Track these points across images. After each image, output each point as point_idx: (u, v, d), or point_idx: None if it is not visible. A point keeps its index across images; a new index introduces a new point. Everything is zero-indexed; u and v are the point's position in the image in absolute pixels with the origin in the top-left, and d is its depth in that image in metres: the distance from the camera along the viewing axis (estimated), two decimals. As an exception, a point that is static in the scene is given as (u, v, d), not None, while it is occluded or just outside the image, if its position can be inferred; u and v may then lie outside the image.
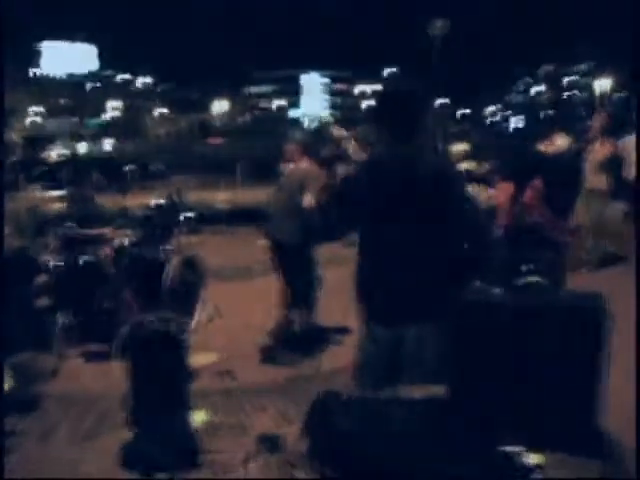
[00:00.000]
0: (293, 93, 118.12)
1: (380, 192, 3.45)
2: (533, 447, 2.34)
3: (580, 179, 7.53)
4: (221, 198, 16.81)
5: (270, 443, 4.39)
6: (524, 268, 2.84)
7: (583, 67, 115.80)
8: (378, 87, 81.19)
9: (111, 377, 5.00)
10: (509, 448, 2.33)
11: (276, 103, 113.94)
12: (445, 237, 3.43)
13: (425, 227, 3.38)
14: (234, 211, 14.57)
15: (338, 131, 4.56)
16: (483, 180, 9.81)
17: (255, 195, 15.81)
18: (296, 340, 6.62)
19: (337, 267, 3.86)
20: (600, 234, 9.71)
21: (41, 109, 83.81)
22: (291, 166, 6.62)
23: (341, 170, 6.12)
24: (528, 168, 5.90)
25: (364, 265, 3.62)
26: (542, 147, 6.11)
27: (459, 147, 10.88)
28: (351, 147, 4.25)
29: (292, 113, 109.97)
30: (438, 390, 2.65)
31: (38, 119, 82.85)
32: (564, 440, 2.35)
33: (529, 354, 2.42)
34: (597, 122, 9.15)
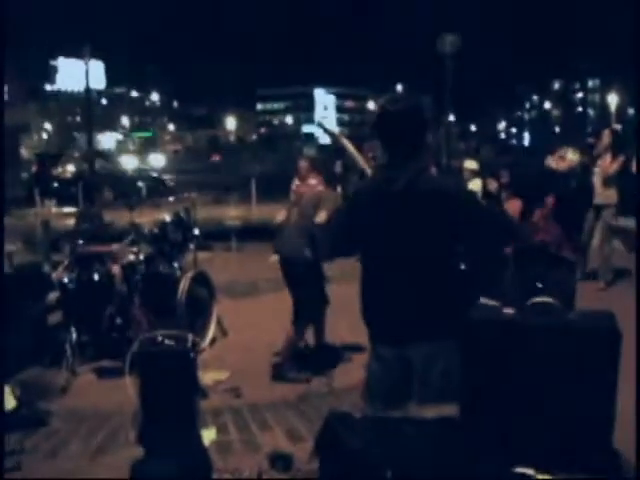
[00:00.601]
0: (306, 109, 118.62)
1: (381, 211, 3.45)
2: (546, 468, 2.33)
3: (589, 195, 7.53)
4: (233, 214, 16.85)
5: (281, 461, 4.38)
6: (534, 287, 2.84)
7: (592, 84, 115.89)
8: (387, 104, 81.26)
9: (122, 394, 5.01)
10: (522, 469, 2.33)
11: (289, 119, 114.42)
12: (449, 254, 3.42)
13: (428, 245, 3.37)
14: (246, 227, 14.58)
15: (346, 140, 4.56)
16: (493, 197, 9.83)
17: (268, 211, 15.87)
18: (306, 357, 6.62)
19: (348, 283, 3.86)
20: (608, 249, 9.76)
21: (53, 126, 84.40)
22: (305, 185, 6.63)
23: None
24: (537, 185, 5.90)
25: (368, 285, 3.62)
26: (552, 163, 6.11)
27: (469, 165, 10.86)
28: (360, 160, 4.24)
29: (305, 129, 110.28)
30: (449, 410, 2.65)
31: (50, 135, 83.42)
32: (577, 461, 2.35)
33: (540, 374, 2.42)
34: (605, 138, 9.17)
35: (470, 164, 10.90)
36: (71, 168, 31.33)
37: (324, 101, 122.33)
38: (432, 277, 3.40)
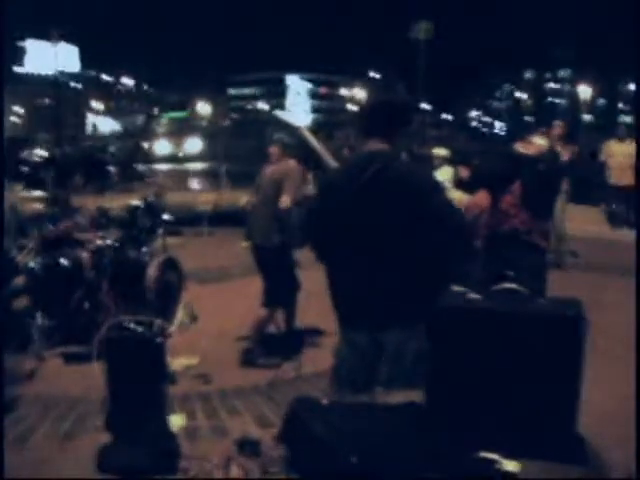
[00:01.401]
0: (279, 95, 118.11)
1: (351, 199, 3.46)
2: (511, 453, 2.34)
3: (559, 181, 7.57)
4: (204, 200, 16.74)
5: (249, 447, 4.37)
6: (503, 273, 2.85)
7: (564, 74, 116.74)
8: (362, 91, 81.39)
9: (90, 379, 4.97)
10: (487, 454, 2.34)
11: (261, 105, 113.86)
12: (418, 241, 3.43)
13: (397, 231, 3.38)
14: (216, 213, 14.49)
15: (308, 133, 4.56)
16: (464, 185, 9.85)
17: (239, 197, 15.77)
18: (276, 342, 6.62)
19: (317, 269, 3.85)
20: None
21: (24, 109, 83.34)
22: (271, 167, 6.62)
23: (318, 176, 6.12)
24: (506, 171, 5.90)
25: (339, 272, 3.63)
26: (520, 148, 6.11)
27: (439, 152, 10.88)
28: (322, 151, 4.25)
29: (278, 115, 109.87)
30: (415, 395, 2.66)
31: (19, 119, 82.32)
32: (543, 446, 2.36)
33: (506, 360, 2.43)
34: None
35: (440, 151, 10.93)
36: (40, 152, 30.97)
37: (297, 87, 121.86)
38: (402, 264, 3.41)
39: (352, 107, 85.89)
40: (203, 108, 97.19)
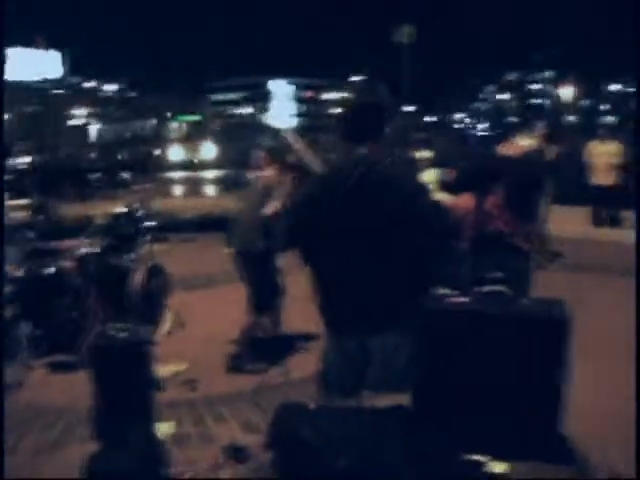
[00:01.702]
0: (262, 99, 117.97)
1: (336, 205, 3.46)
2: (498, 455, 2.36)
3: (543, 181, 7.62)
4: (189, 206, 16.73)
5: (237, 453, 4.38)
6: (488, 276, 2.87)
7: (547, 75, 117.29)
8: (345, 94, 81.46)
9: (77, 387, 4.96)
10: (475, 457, 2.35)
11: (245, 110, 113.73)
12: (405, 244, 3.44)
13: (382, 235, 3.39)
14: (202, 219, 14.48)
15: (292, 137, 4.56)
16: (449, 187, 9.87)
17: (225, 203, 15.76)
18: (263, 348, 6.62)
19: (303, 273, 3.86)
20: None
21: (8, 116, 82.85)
22: (258, 174, 6.62)
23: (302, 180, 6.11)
24: (489, 172, 5.92)
25: (323, 275, 3.63)
26: (503, 150, 6.13)
27: (424, 154, 10.90)
28: (308, 156, 4.24)
29: (263, 119, 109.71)
30: (403, 399, 2.67)
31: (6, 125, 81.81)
32: (531, 447, 2.38)
33: (492, 361, 2.44)
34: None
35: (425, 154, 10.95)
36: (24, 159, 30.83)
37: (282, 91, 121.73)
38: (389, 268, 3.42)
39: (336, 111, 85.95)
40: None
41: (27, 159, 30.44)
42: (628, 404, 4.65)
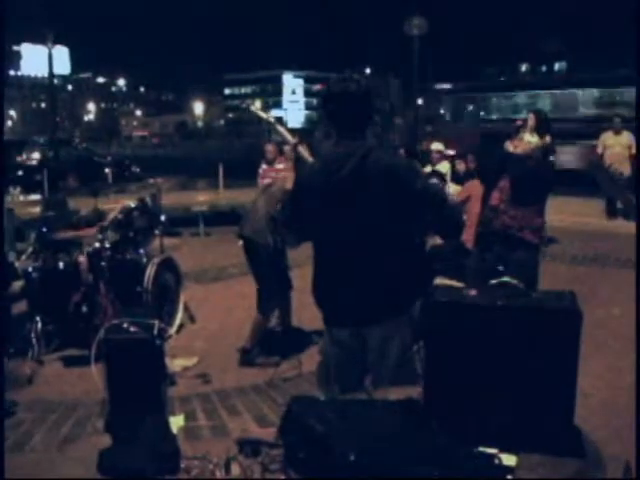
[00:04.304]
0: (274, 93, 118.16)
1: (332, 195, 3.44)
2: (509, 447, 2.35)
3: (550, 177, 7.60)
4: (200, 200, 16.73)
5: (249, 447, 4.38)
6: (496, 269, 2.86)
7: (559, 66, 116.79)
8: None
9: (89, 382, 4.97)
10: (485, 449, 2.34)
11: (257, 103, 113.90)
12: (400, 233, 3.43)
13: (379, 226, 3.38)
14: (213, 213, 14.47)
15: (281, 128, 4.54)
16: (461, 179, 9.86)
17: (235, 196, 15.77)
18: (275, 342, 6.62)
19: (311, 267, 3.85)
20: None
21: (17, 112, 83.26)
22: (273, 170, 6.62)
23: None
24: (496, 168, 5.92)
25: (320, 267, 3.62)
26: (510, 147, 6.13)
27: (437, 146, 10.89)
28: (303, 150, 4.21)
29: (274, 113, 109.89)
30: (413, 391, 2.66)
31: (12, 122, 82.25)
32: (541, 440, 2.37)
33: (502, 355, 2.43)
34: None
35: (437, 146, 10.94)
36: (36, 155, 30.93)
37: (292, 85, 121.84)
38: (385, 257, 3.41)
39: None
40: (198, 108, 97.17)
41: (38, 155, 30.49)
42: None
